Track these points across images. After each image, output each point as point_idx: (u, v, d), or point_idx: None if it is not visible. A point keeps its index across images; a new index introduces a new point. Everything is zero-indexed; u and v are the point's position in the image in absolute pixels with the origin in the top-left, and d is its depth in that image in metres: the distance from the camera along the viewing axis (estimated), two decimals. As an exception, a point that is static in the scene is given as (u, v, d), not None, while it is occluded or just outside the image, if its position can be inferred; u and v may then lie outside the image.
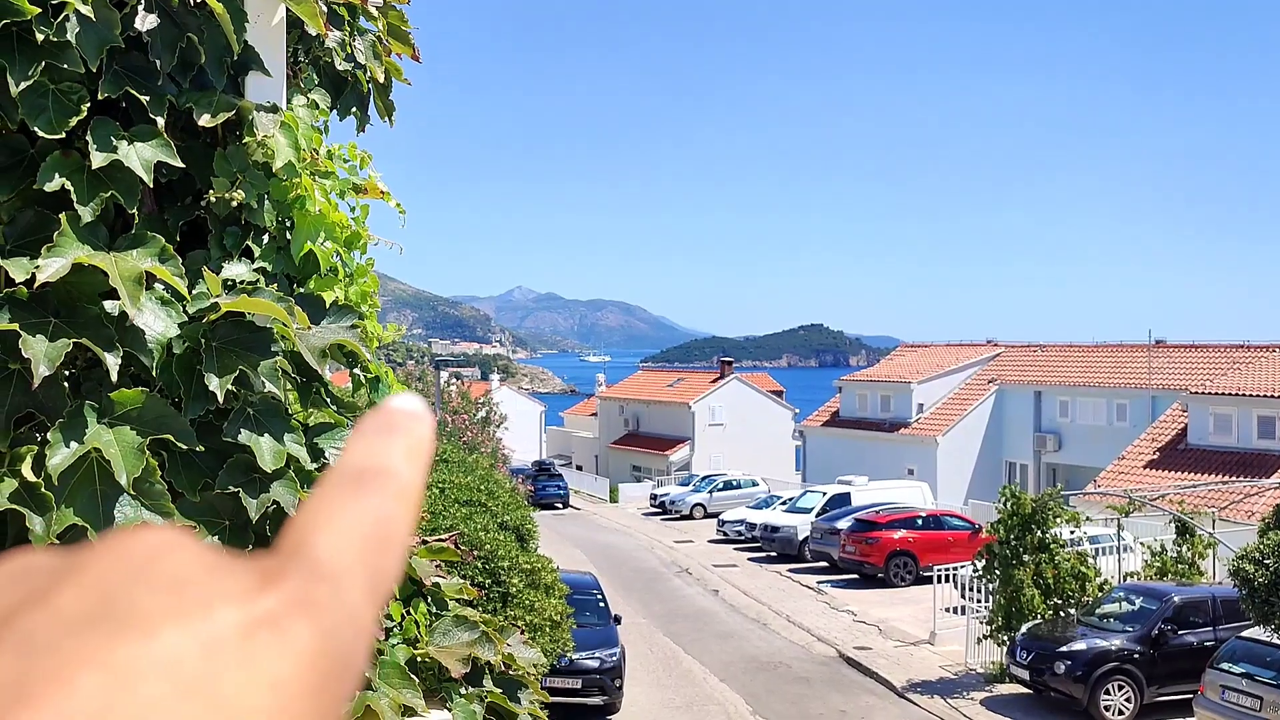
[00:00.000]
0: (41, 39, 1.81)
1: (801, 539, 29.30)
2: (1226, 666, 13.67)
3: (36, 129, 1.82)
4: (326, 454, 2.10)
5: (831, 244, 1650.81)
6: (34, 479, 1.74)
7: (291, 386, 2.09)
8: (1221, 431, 29.42)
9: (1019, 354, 42.48)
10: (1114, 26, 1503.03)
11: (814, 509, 30.35)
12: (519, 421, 52.72)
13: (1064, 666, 15.51)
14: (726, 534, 33.38)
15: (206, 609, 0.25)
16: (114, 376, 1.81)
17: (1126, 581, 18.56)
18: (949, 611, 20.05)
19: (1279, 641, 13.37)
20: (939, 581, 20.17)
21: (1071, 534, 17.81)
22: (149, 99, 1.97)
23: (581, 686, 15.33)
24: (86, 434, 1.78)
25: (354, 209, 2.57)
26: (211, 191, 2.09)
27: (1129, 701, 15.46)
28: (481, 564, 11.68)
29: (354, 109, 2.79)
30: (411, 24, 2.98)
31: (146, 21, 1.97)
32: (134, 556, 0.27)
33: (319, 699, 0.25)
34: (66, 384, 1.88)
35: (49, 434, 1.77)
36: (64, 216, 1.81)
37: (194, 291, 1.97)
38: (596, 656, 15.53)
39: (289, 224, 2.22)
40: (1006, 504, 17.52)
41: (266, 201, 2.15)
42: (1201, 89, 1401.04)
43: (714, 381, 53.25)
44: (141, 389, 1.87)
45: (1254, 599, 13.88)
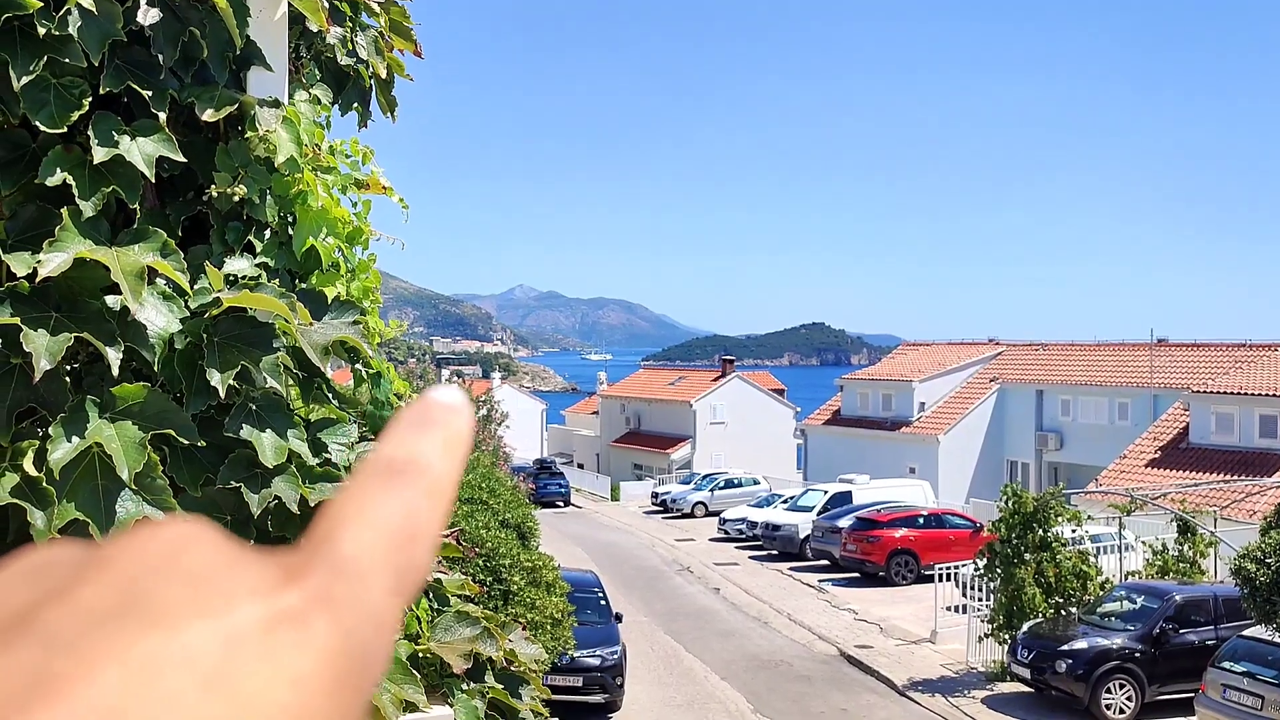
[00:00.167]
0: (43, 33, 1.80)
1: (803, 537, 29.29)
2: (1228, 665, 13.66)
3: (38, 123, 1.82)
4: (329, 449, 2.10)
5: (833, 243, 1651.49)
6: (35, 474, 1.74)
7: (293, 382, 2.09)
8: (1223, 430, 29.40)
9: (1021, 353, 42.45)
10: (1115, 25, 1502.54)
11: (815, 507, 30.34)
12: (520, 420, 52.76)
13: (1065, 665, 15.50)
14: (728, 532, 33.38)
15: (228, 604, 0.25)
16: (115, 371, 1.81)
17: (1128, 580, 18.55)
18: (950, 610, 20.04)
19: (1280, 640, 13.36)
20: (940, 580, 20.16)
21: (1073, 533, 17.79)
22: (151, 94, 1.96)
23: (582, 684, 15.33)
24: (88, 429, 1.78)
25: (356, 204, 2.57)
26: (213, 186, 2.09)
27: (1130, 700, 15.45)
28: (483, 562, 11.68)
29: (356, 104, 2.78)
30: (414, 20, 2.98)
31: (149, 16, 1.97)
32: (156, 551, 0.26)
33: (339, 695, 0.25)
34: (68, 379, 1.88)
35: (50, 429, 1.77)
36: (66, 211, 1.81)
37: (196, 287, 1.97)
38: (598, 654, 15.52)
39: (291, 219, 2.22)
40: (1008, 502, 17.51)
41: (268, 196, 2.15)
42: (1203, 87, 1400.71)
43: (715, 380, 53.24)
44: (143, 384, 1.87)
45: (1256, 598, 13.87)
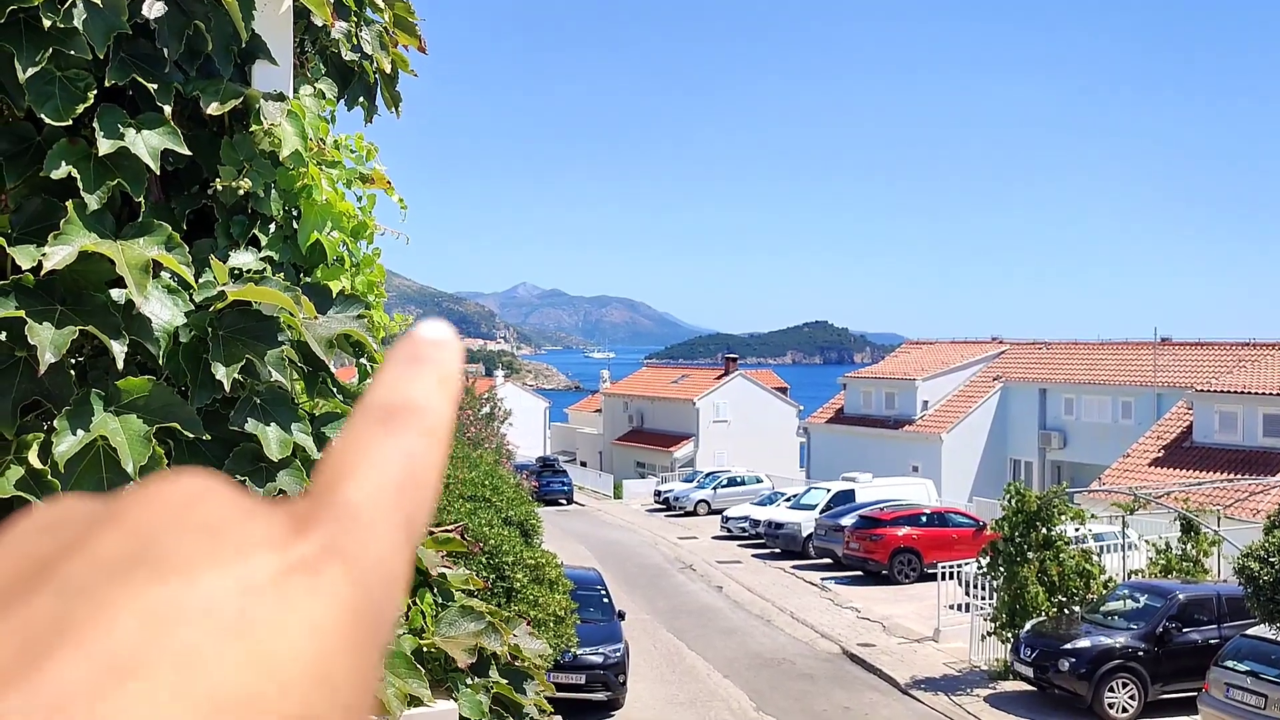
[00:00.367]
0: (49, 25, 1.80)
1: (805, 536, 29.27)
2: (1231, 664, 13.64)
3: (43, 116, 1.82)
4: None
5: (836, 241, 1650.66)
6: (40, 466, 1.74)
7: (298, 376, 2.09)
8: (1227, 429, 29.35)
9: (1024, 351, 42.40)
10: (1119, 25, 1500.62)
11: (818, 506, 30.32)
12: (523, 417, 52.71)
13: (1068, 664, 15.48)
14: (730, 530, 33.37)
15: (242, 554, 0.25)
16: (120, 364, 1.81)
17: (1131, 579, 18.53)
18: (953, 609, 20.03)
19: (1284, 639, 13.34)
20: (943, 579, 20.14)
21: (1076, 531, 17.77)
22: (156, 87, 1.96)
23: (585, 682, 15.33)
24: (93, 422, 1.78)
25: (360, 199, 2.56)
26: (218, 180, 2.09)
27: (1133, 699, 15.44)
28: (486, 559, 11.68)
29: (361, 99, 2.78)
30: (418, 16, 2.97)
31: (154, 9, 1.96)
32: (169, 503, 0.27)
33: (356, 642, 0.25)
34: (73, 372, 1.88)
35: (55, 421, 1.77)
36: (71, 204, 1.81)
37: (200, 280, 1.96)
38: (600, 652, 15.52)
39: (296, 213, 2.21)
40: (1011, 501, 17.50)
41: (273, 190, 2.15)
42: (1207, 85, 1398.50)
43: (718, 378, 53.21)
44: (148, 377, 1.86)
45: (1259, 597, 13.85)
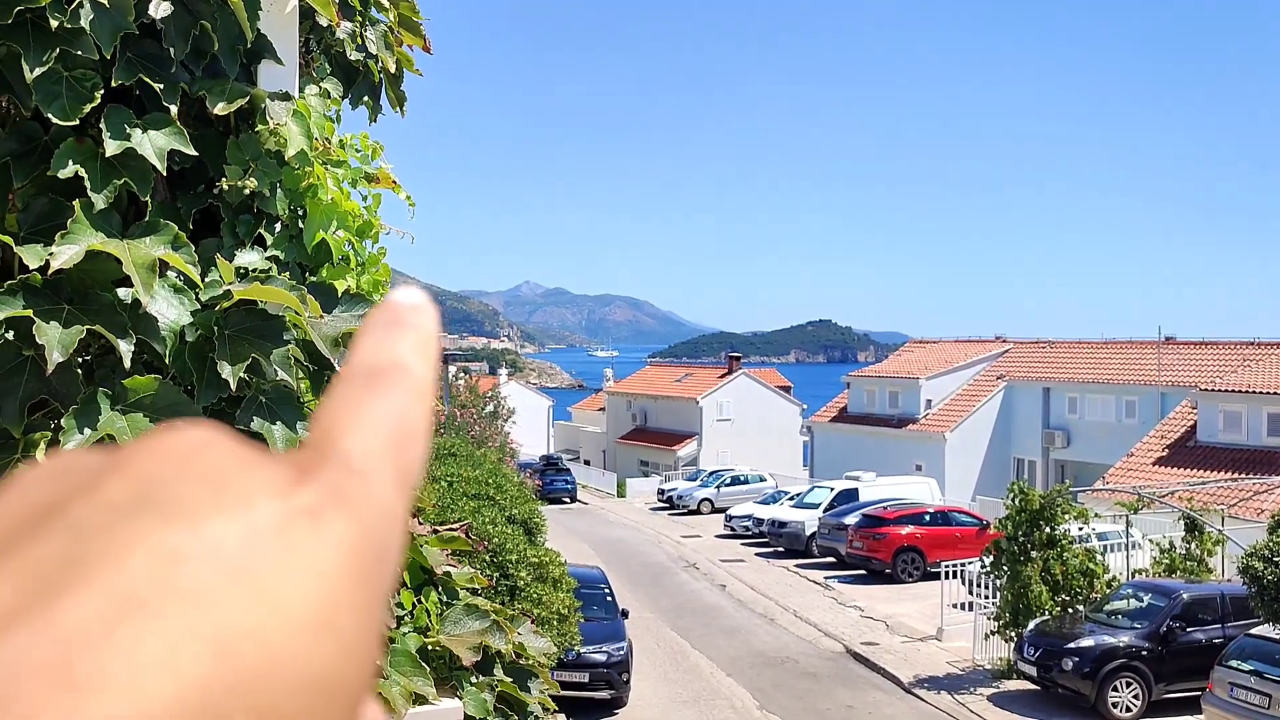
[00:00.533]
0: (55, 25, 1.81)
1: (809, 534, 29.27)
2: (1235, 664, 13.62)
3: (50, 116, 1.82)
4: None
5: (840, 240, 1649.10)
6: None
7: (304, 375, 2.09)
8: (1231, 428, 29.31)
9: (1028, 350, 42.37)
10: (1125, 27, 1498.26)
11: (821, 504, 30.32)
12: (527, 416, 52.74)
13: (1072, 663, 15.48)
14: (734, 529, 33.37)
15: (247, 501, 0.26)
16: (127, 363, 1.82)
17: (1135, 578, 18.51)
18: (956, 607, 20.02)
19: (1288, 639, 13.33)
20: (946, 577, 20.13)
21: (1080, 530, 17.76)
22: (162, 87, 1.97)
23: (589, 680, 15.35)
24: (100, 420, 1.79)
25: (366, 198, 2.57)
26: (224, 179, 2.09)
27: (1137, 698, 15.43)
28: (490, 557, 11.69)
29: (365, 99, 2.79)
30: (423, 15, 2.98)
31: (160, 9, 1.97)
32: (174, 452, 0.27)
33: (359, 586, 0.26)
34: (80, 371, 1.89)
35: (63, 420, 1.78)
36: (78, 203, 1.82)
37: (207, 279, 1.97)
38: (604, 650, 15.53)
39: (301, 212, 2.22)
40: (1014, 500, 17.49)
41: (279, 190, 2.15)
42: (1212, 84, 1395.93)
43: (722, 377, 53.23)
44: (154, 376, 1.87)
45: (1263, 596, 13.84)
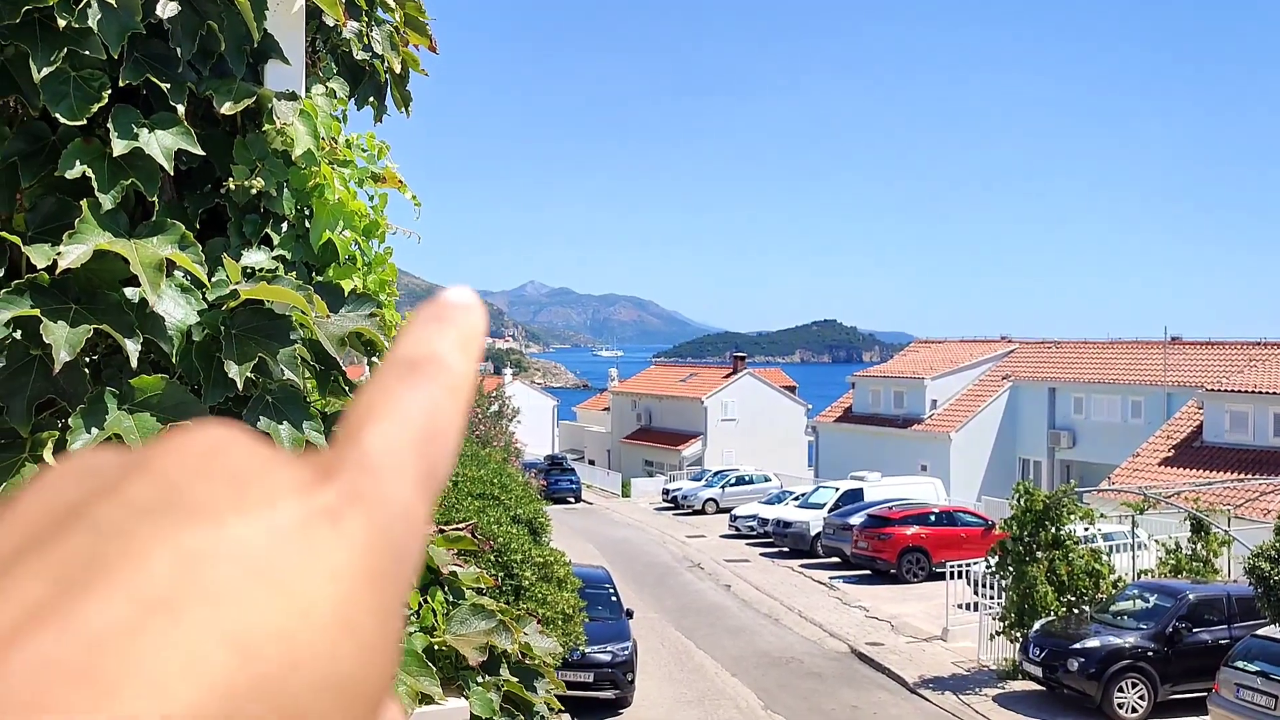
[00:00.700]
0: (63, 25, 1.81)
1: (814, 534, 29.24)
2: (1241, 664, 13.59)
3: (58, 115, 1.83)
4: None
5: (845, 240, 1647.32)
6: (51, 465, 1.75)
7: (310, 374, 2.09)
8: (1237, 429, 29.24)
9: (1033, 350, 42.29)
10: (1131, 25, 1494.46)
11: (826, 505, 30.29)
12: (531, 416, 52.75)
13: (1077, 663, 15.45)
14: (739, 529, 33.35)
15: (267, 501, 0.26)
16: (134, 363, 1.82)
17: (1141, 579, 18.47)
18: (961, 608, 19.98)
19: (1295, 640, 13.29)
20: (951, 578, 20.10)
21: (1085, 531, 17.72)
22: (170, 86, 1.97)
23: (593, 680, 15.35)
24: (107, 420, 1.79)
25: (372, 198, 2.57)
26: (231, 179, 2.10)
27: (1143, 699, 15.39)
28: (494, 557, 11.70)
29: (371, 99, 2.79)
30: (428, 15, 2.98)
31: (168, 9, 1.97)
32: (195, 452, 0.27)
33: (378, 588, 0.26)
34: (87, 370, 1.89)
35: (70, 420, 1.78)
36: (85, 203, 1.82)
37: (213, 279, 1.97)
38: (608, 650, 15.53)
39: (308, 212, 2.22)
40: (1020, 500, 17.45)
41: (286, 189, 2.15)
42: (1219, 82, 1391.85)
43: (727, 377, 53.19)
44: (161, 376, 1.87)
45: (1270, 597, 13.81)
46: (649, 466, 53.04)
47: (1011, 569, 17.31)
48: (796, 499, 32.42)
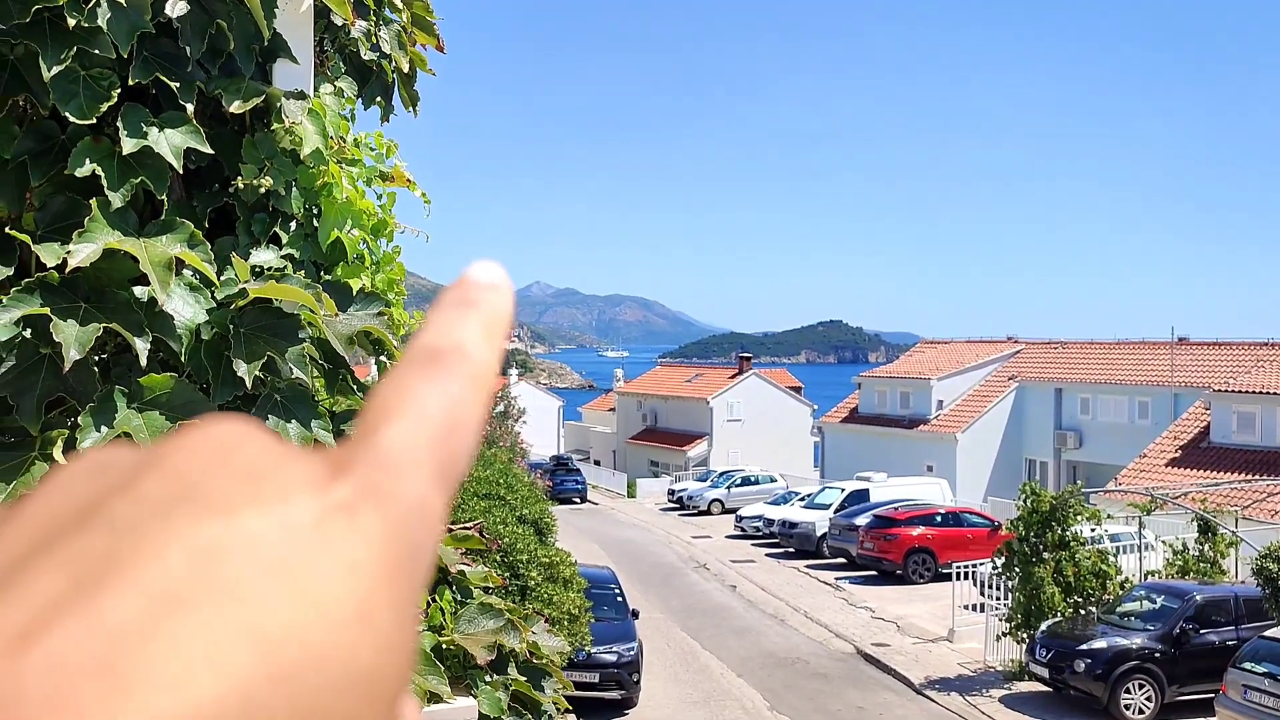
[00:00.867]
0: (73, 24, 1.81)
1: (820, 535, 29.22)
2: (1249, 666, 13.55)
3: (68, 114, 1.83)
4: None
5: (850, 240, 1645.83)
6: (65, 462, 1.75)
7: (319, 373, 2.09)
8: (1245, 430, 29.16)
9: (1040, 351, 42.22)
10: (1136, 25, 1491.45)
11: (832, 505, 30.26)
12: (537, 416, 52.79)
13: (1084, 665, 15.41)
14: (744, 530, 33.33)
15: (283, 496, 0.26)
16: (143, 361, 1.82)
17: (1148, 580, 18.43)
18: (968, 609, 19.95)
19: (1302, 641, 13.25)
20: (958, 579, 20.07)
21: (1092, 532, 17.68)
22: (179, 85, 1.97)
23: (599, 680, 15.34)
24: (116, 418, 1.79)
25: (380, 197, 2.57)
26: (240, 178, 2.10)
27: (1149, 700, 15.35)
28: (500, 557, 11.70)
29: (379, 98, 2.79)
30: (436, 15, 2.98)
31: (177, 8, 1.97)
32: (209, 447, 0.27)
33: (393, 583, 0.26)
34: (97, 369, 1.89)
35: (79, 418, 1.78)
36: (95, 202, 1.82)
37: (222, 278, 1.97)
38: (614, 651, 15.52)
39: (316, 211, 2.22)
40: (1026, 501, 17.42)
41: (294, 188, 2.15)
42: (1226, 82, 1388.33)
43: (732, 377, 53.16)
44: (170, 374, 1.88)
45: (1277, 598, 13.78)
46: (654, 467, 53.03)
47: (1018, 570, 17.28)
48: (802, 499, 32.40)
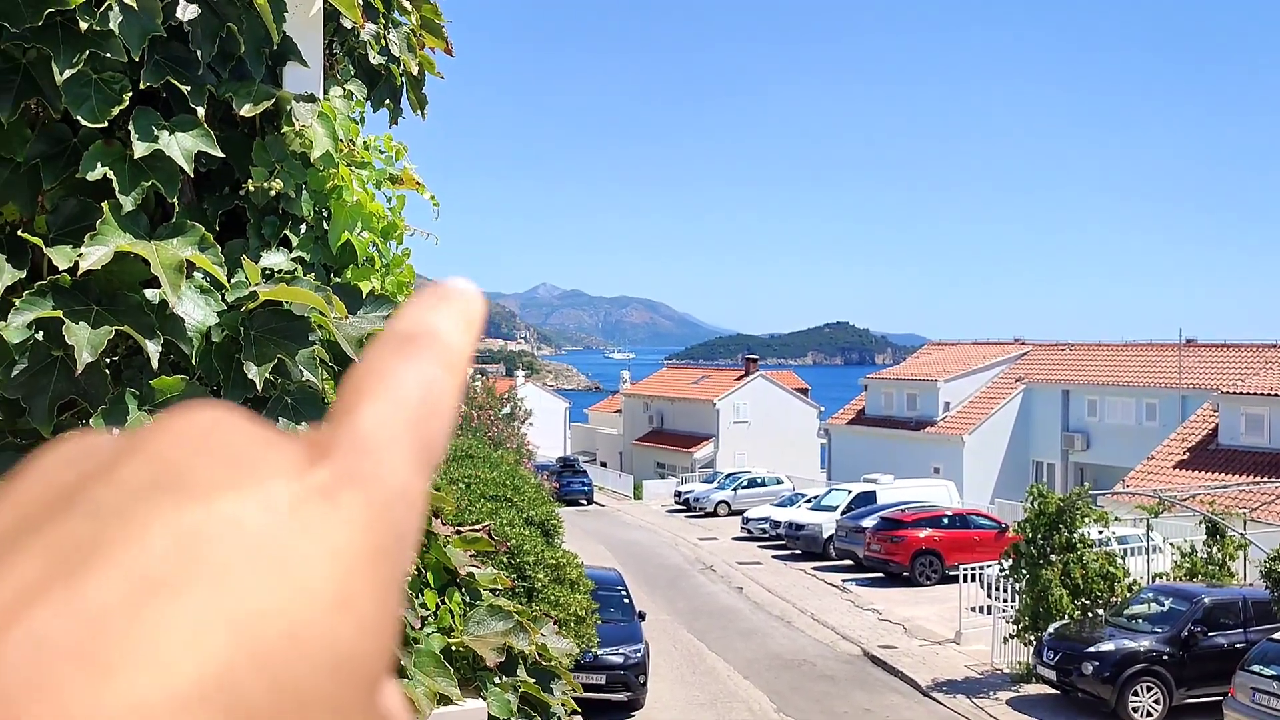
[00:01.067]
0: (85, 28, 1.82)
1: (826, 537, 29.20)
2: (1257, 669, 13.51)
3: (79, 118, 1.84)
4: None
5: (857, 242, 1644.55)
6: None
7: (328, 375, 2.10)
8: (1253, 432, 29.09)
9: (1047, 352, 42.17)
10: (1141, 27, 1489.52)
11: (839, 507, 30.25)
12: (544, 418, 52.80)
13: (1092, 667, 15.38)
14: (751, 531, 33.32)
15: (262, 480, 0.26)
16: (155, 364, 1.83)
17: (1156, 582, 18.39)
18: (975, 611, 19.93)
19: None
20: (965, 581, 20.05)
21: (1100, 534, 17.65)
22: (189, 89, 1.98)
23: (605, 682, 15.35)
24: (128, 420, 1.80)
25: (390, 200, 2.58)
26: (250, 181, 2.11)
27: (1158, 703, 15.32)
28: (507, 559, 11.72)
29: (387, 101, 2.80)
30: (444, 18, 2.99)
31: (187, 11, 1.98)
32: (189, 432, 0.27)
33: (376, 567, 0.26)
34: (108, 371, 1.90)
35: (92, 420, 1.79)
36: (106, 205, 1.83)
37: (233, 280, 1.98)
38: (621, 652, 15.53)
39: (326, 214, 2.23)
40: (1033, 503, 17.39)
41: (304, 191, 2.16)
42: (1232, 84, 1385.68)
43: (739, 379, 53.17)
44: (181, 377, 1.88)
45: (1286, 601, 13.72)
46: (661, 469, 53.04)
47: (1025, 572, 17.25)
48: (809, 501, 32.38)
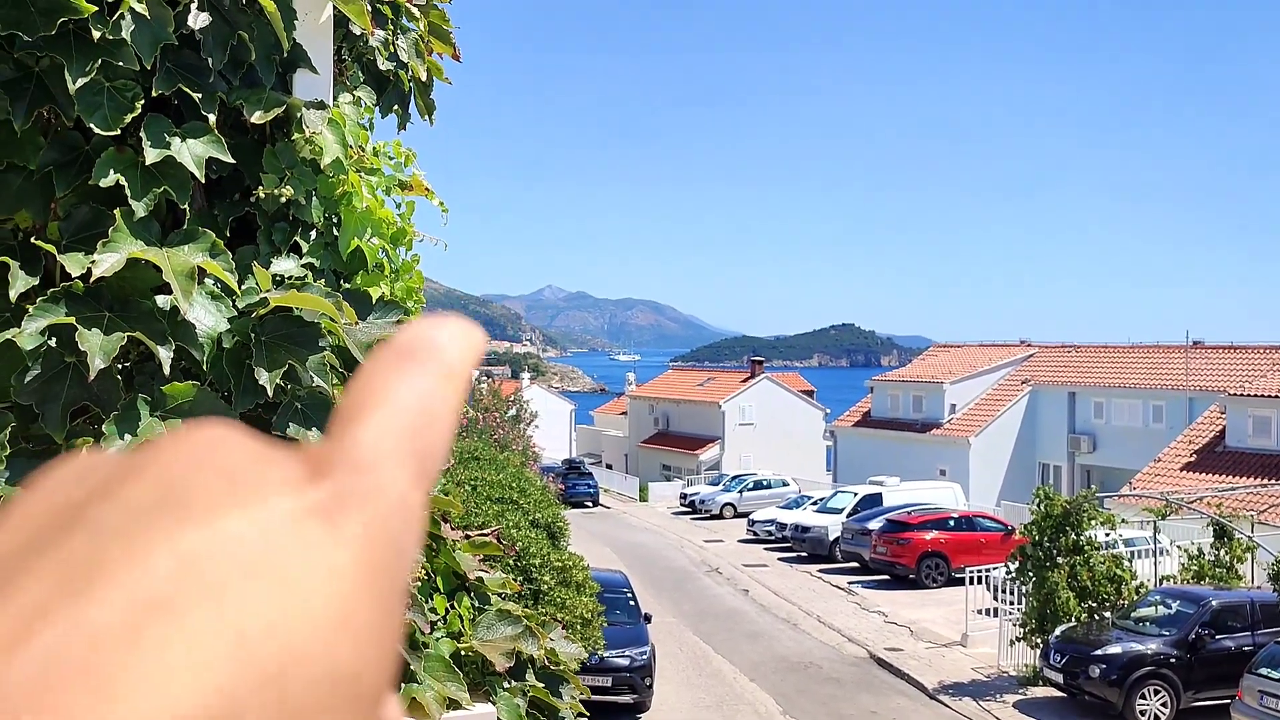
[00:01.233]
0: (97, 37, 1.83)
1: (832, 539, 29.18)
2: (1265, 672, 13.47)
3: (92, 125, 1.85)
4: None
5: (863, 244, 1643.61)
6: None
7: (339, 381, 2.11)
8: (1260, 434, 29.00)
9: (1053, 354, 42.09)
10: (1150, 29, 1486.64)
11: (845, 509, 30.22)
12: (549, 420, 52.83)
13: (1099, 670, 15.35)
14: (756, 534, 33.31)
15: (261, 498, 0.26)
16: (166, 370, 1.84)
17: (1163, 585, 18.35)
18: (981, 613, 19.90)
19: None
20: (971, 583, 20.02)
21: (1106, 536, 17.62)
22: (201, 96, 1.99)
23: (612, 684, 15.36)
24: (140, 426, 1.81)
25: (399, 206, 2.59)
26: (261, 188, 2.12)
27: (1165, 706, 15.28)
28: (514, 561, 11.72)
29: (395, 107, 2.81)
30: (452, 24, 3.00)
31: (199, 19, 1.99)
32: (191, 451, 0.27)
33: (375, 584, 0.26)
34: (120, 377, 1.91)
35: (104, 426, 1.80)
36: (119, 212, 1.84)
37: (244, 286, 1.99)
38: (627, 655, 15.54)
39: (336, 220, 2.24)
40: (1040, 505, 17.36)
41: (314, 197, 2.17)
42: (1236, 87, 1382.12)
43: (744, 381, 53.13)
44: (193, 383, 1.89)
45: (1294, 603, 13.68)
46: (666, 471, 53.02)
47: (1032, 574, 17.22)
48: (815, 504, 32.35)
